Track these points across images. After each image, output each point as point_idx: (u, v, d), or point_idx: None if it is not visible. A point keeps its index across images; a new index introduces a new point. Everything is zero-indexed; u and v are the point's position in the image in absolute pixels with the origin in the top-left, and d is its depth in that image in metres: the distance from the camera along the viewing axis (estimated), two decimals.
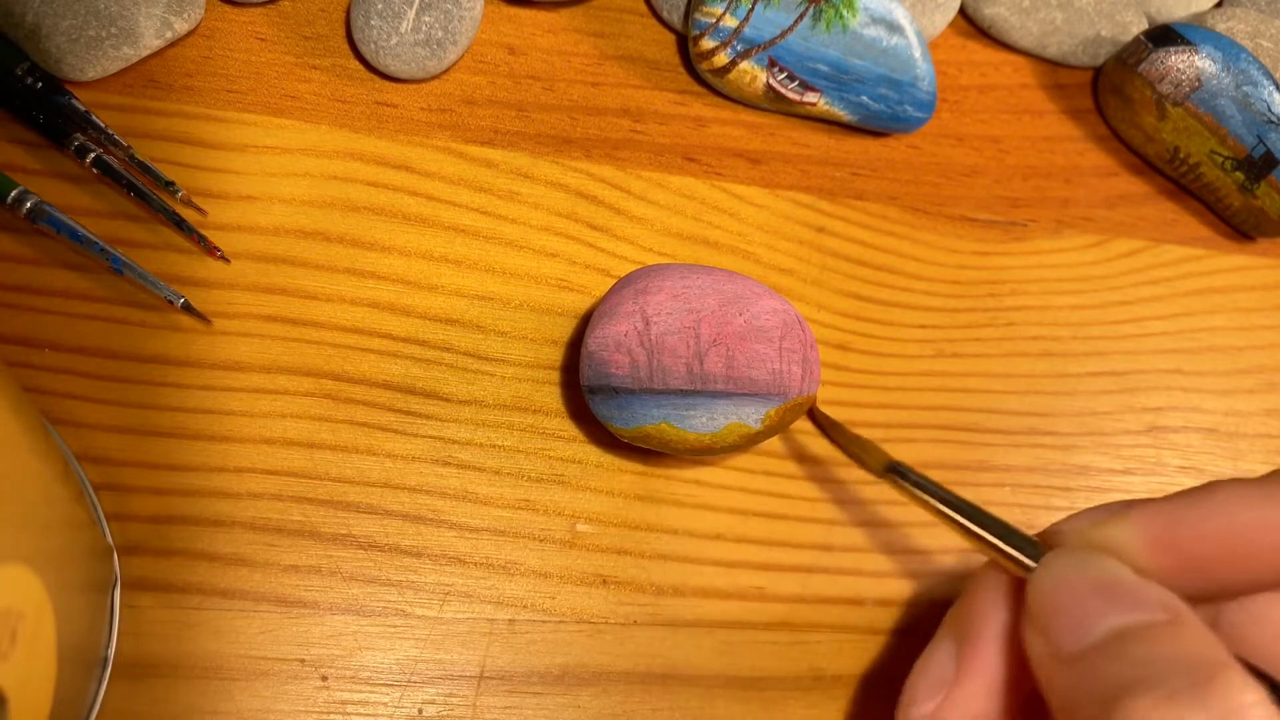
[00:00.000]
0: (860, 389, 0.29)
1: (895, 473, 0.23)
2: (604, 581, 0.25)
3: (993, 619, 0.21)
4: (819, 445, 0.28)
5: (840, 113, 0.31)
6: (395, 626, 0.24)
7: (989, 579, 0.21)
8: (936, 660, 0.22)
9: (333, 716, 0.23)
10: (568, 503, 0.26)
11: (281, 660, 0.23)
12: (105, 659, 0.22)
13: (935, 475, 0.29)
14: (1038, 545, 0.20)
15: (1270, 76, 0.32)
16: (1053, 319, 0.32)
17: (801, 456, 0.28)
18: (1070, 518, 0.21)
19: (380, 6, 0.27)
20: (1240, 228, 0.35)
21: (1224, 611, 0.20)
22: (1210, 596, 0.19)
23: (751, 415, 0.24)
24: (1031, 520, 0.30)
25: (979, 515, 0.21)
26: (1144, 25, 0.35)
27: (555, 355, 0.27)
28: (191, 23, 0.27)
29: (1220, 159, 0.33)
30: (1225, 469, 0.32)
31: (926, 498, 0.22)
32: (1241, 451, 0.33)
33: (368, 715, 0.23)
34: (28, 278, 0.24)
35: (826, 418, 0.26)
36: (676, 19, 0.31)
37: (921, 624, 0.28)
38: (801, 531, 0.27)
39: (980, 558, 0.24)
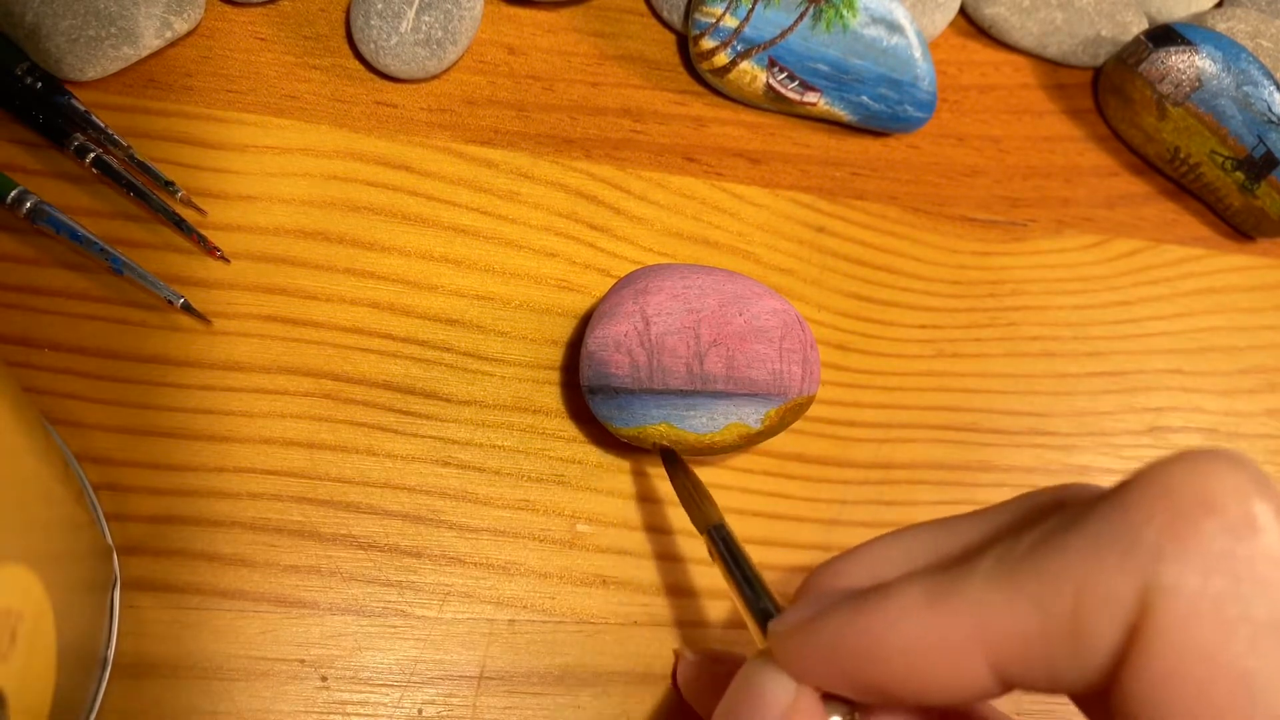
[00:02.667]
0: (860, 389, 0.29)
1: (713, 535, 0.21)
2: (604, 581, 0.25)
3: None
4: (819, 445, 0.28)
5: (840, 113, 0.31)
6: (395, 626, 0.24)
7: None
8: None
9: (333, 716, 0.23)
10: (568, 503, 0.26)
11: (281, 660, 0.23)
12: (105, 659, 0.22)
13: (935, 475, 0.29)
14: None
15: (1270, 76, 0.32)
16: (1053, 319, 0.32)
17: (801, 457, 0.28)
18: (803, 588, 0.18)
19: (380, 6, 0.27)
20: (1240, 228, 0.35)
21: None
22: (915, 709, 0.16)
23: (751, 415, 0.24)
24: None
25: (761, 603, 0.19)
26: (1144, 25, 0.35)
27: (555, 355, 0.27)
28: (191, 23, 0.27)
29: (1220, 159, 0.33)
30: None
31: (725, 569, 0.20)
32: (1241, 451, 0.33)
33: (368, 715, 0.23)
34: (28, 278, 0.24)
35: (677, 458, 0.24)
36: (676, 19, 0.31)
37: None
38: (801, 531, 0.27)
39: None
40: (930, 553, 0.16)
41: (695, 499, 0.22)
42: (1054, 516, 0.14)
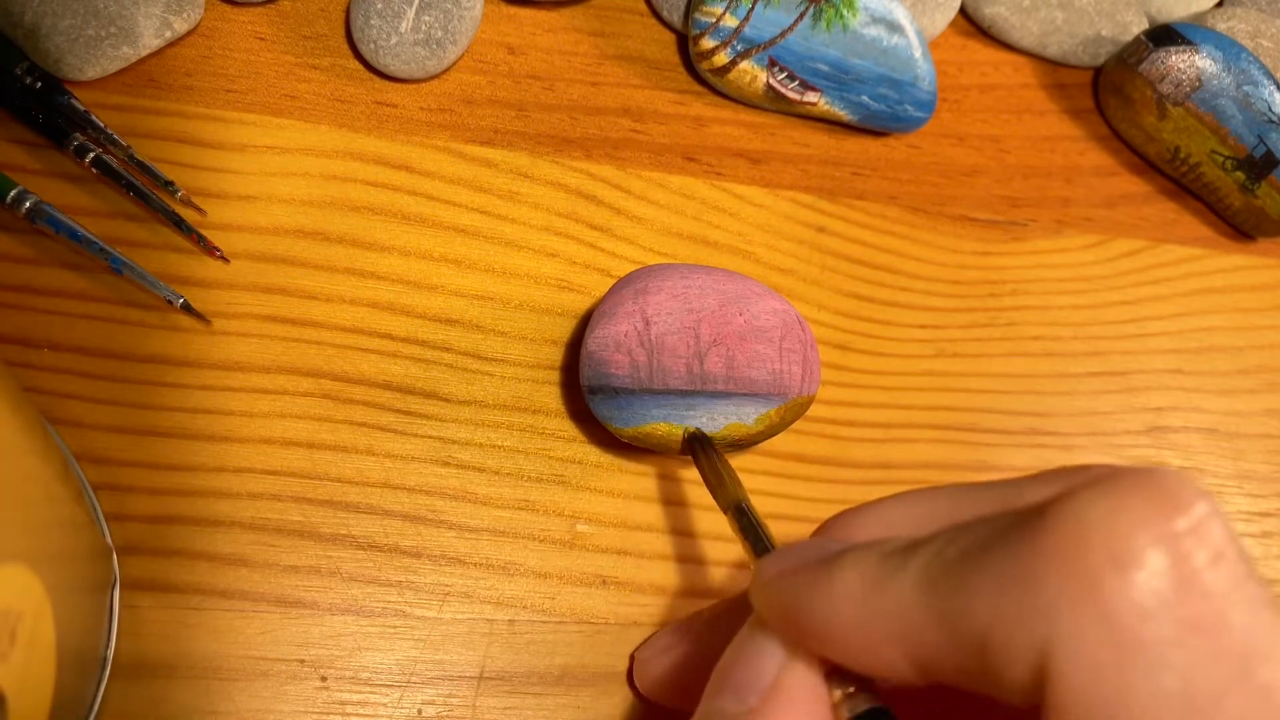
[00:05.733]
0: (860, 389, 0.29)
1: (737, 511, 0.21)
2: (604, 581, 0.25)
3: None
4: (819, 445, 0.28)
5: (840, 112, 0.31)
6: (395, 626, 0.24)
7: None
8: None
9: (332, 717, 0.23)
10: (568, 503, 0.26)
11: (281, 660, 0.23)
12: (105, 659, 0.22)
13: (935, 475, 0.29)
14: None
15: (1270, 76, 0.32)
16: (1053, 319, 0.32)
17: (801, 457, 0.28)
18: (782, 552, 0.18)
19: (380, 6, 0.27)
20: (1240, 228, 0.35)
21: None
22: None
23: (751, 415, 0.24)
24: None
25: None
26: (1144, 25, 0.35)
27: (555, 355, 0.27)
28: (191, 22, 0.26)
29: (1221, 159, 0.33)
30: (1225, 469, 0.32)
31: (744, 543, 0.20)
32: (1241, 451, 0.33)
33: (367, 715, 0.23)
34: (28, 278, 0.24)
35: (705, 440, 0.24)
36: (676, 19, 0.31)
37: None
38: (801, 532, 0.27)
39: None
40: (945, 518, 0.16)
41: (718, 479, 0.22)
42: (999, 520, 0.14)
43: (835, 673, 0.16)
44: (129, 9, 0.25)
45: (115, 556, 0.22)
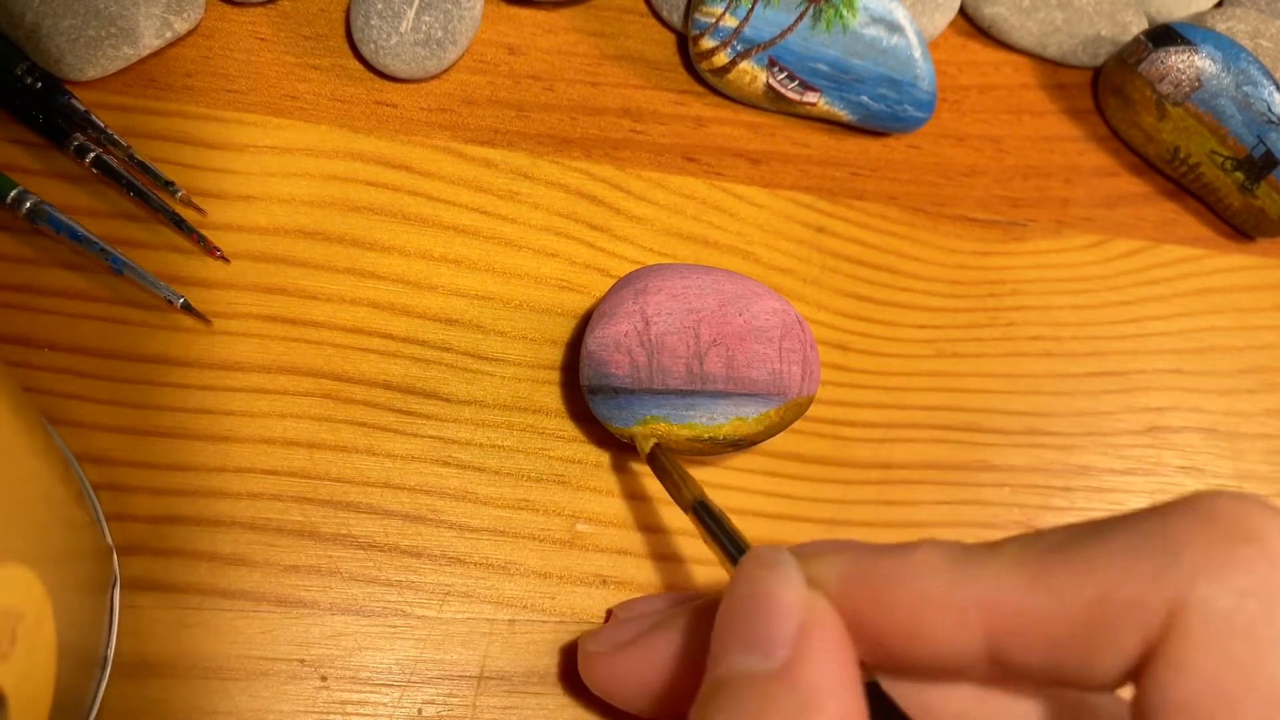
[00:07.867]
0: (860, 389, 0.29)
1: (699, 510, 0.21)
2: (604, 581, 0.25)
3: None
4: (819, 445, 0.28)
5: (840, 113, 0.31)
6: (395, 626, 0.24)
7: None
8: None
9: (332, 716, 0.23)
10: (568, 503, 0.26)
11: (281, 660, 0.23)
12: (105, 659, 0.22)
13: (935, 475, 0.29)
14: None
15: (1270, 76, 0.32)
16: (1053, 319, 0.32)
17: (801, 457, 0.28)
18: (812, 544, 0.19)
19: (380, 6, 0.27)
20: (1240, 228, 0.35)
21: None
22: (895, 669, 0.16)
23: (751, 415, 0.24)
24: (1033, 520, 0.30)
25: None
26: (1144, 25, 0.35)
27: (555, 355, 0.27)
28: (191, 22, 0.27)
29: (1220, 159, 0.33)
30: (1225, 469, 0.32)
31: (715, 542, 0.20)
32: (1241, 451, 0.33)
33: (367, 715, 0.23)
34: (28, 278, 0.24)
35: (663, 450, 0.24)
36: (676, 19, 0.31)
37: None
38: (801, 531, 0.27)
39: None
40: None
41: (676, 482, 0.22)
42: (1079, 525, 0.15)
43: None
44: (129, 9, 0.25)
45: (116, 556, 0.22)
